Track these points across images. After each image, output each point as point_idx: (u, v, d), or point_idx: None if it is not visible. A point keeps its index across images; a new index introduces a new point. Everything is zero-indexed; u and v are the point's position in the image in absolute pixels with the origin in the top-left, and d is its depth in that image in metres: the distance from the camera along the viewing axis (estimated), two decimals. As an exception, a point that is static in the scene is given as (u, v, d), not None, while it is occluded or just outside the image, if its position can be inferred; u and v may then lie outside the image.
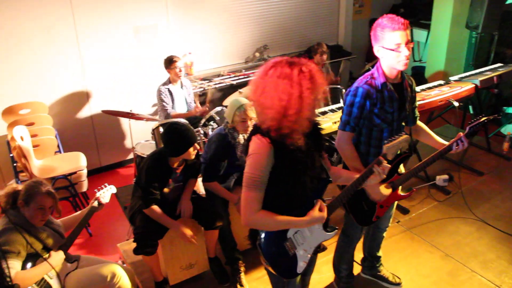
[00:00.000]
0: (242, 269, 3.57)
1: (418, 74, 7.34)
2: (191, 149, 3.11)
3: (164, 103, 4.96)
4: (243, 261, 3.61)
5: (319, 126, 2.28)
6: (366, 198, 2.79)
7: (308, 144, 2.15)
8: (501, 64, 5.61)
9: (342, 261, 3.35)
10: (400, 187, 2.87)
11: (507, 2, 5.95)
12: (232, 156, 3.50)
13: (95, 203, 3.03)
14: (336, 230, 2.32)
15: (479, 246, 3.91)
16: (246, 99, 3.40)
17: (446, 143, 2.73)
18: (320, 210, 2.18)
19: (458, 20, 6.40)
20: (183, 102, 5.15)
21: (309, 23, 6.89)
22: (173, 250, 3.36)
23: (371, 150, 2.80)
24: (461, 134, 2.61)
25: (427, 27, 6.94)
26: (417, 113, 2.94)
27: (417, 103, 2.95)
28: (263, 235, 2.20)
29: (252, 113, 3.37)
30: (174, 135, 3.08)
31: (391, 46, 2.49)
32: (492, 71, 5.30)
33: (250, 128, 3.38)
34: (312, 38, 6.83)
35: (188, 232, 3.22)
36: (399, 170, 2.83)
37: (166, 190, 3.24)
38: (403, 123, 2.86)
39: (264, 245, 2.19)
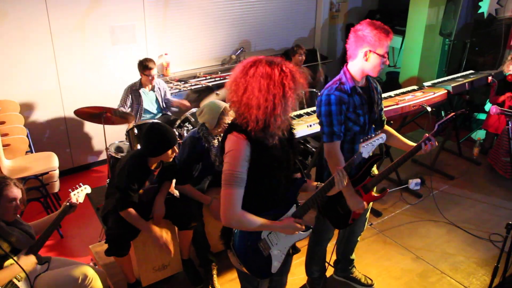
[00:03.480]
0: (215, 271, 3.56)
1: (392, 79, 7.45)
2: (169, 151, 3.07)
3: (121, 100, 4.94)
4: (216, 263, 3.60)
5: (291, 126, 2.26)
6: (340, 202, 2.79)
7: (283, 143, 2.16)
8: (473, 71, 5.75)
9: (313, 262, 3.37)
10: (374, 189, 2.90)
11: (479, 11, 6.10)
12: (206, 159, 3.47)
13: (67, 204, 2.94)
14: (310, 230, 2.33)
15: (449, 248, 3.99)
16: (224, 100, 3.37)
17: (414, 144, 2.75)
18: (297, 222, 2.20)
19: (432, 27, 6.55)
20: (152, 105, 5.07)
21: (286, 26, 6.93)
22: (146, 251, 3.33)
23: (344, 155, 2.80)
24: (427, 134, 2.63)
25: (402, 33, 7.06)
26: (384, 116, 2.97)
27: (383, 106, 2.96)
28: (237, 236, 2.18)
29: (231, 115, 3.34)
30: (154, 135, 3.04)
31: (381, 53, 2.53)
32: (464, 77, 5.42)
33: None
34: (289, 42, 6.88)
35: (162, 236, 3.18)
36: (372, 172, 2.86)
37: (140, 191, 3.20)
38: (373, 125, 2.88)
39: (238, 245, 2.18)
